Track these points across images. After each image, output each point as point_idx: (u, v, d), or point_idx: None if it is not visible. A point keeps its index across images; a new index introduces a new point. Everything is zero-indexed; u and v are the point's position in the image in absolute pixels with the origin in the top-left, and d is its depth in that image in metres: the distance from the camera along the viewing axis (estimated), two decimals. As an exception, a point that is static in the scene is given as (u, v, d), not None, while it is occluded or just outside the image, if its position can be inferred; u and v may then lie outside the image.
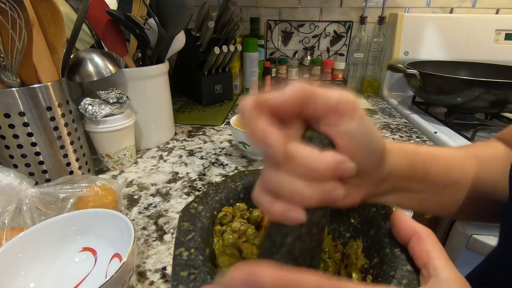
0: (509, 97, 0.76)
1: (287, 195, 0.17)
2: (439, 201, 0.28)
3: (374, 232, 0.23)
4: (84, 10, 0.50)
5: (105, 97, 0.57)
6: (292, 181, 0.17)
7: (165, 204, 0.52)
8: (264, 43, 1.21)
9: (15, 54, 0.41)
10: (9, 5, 0.38)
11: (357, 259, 0.24)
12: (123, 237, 0.37)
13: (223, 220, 0.25)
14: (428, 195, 0.27)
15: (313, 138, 0.18)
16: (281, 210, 0.17)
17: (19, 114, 0.45)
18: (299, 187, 0.17)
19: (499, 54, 1.04)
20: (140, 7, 0.63)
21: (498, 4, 1.09)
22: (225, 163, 0.66)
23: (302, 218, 0.17)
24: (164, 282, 0.37)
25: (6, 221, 0.38)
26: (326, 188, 0.17)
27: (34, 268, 0.36)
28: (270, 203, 0.18)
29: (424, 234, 0.18)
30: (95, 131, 0.57)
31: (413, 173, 0.25)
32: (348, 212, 0.25)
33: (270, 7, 1.18)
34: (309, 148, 0.17)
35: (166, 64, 0.70)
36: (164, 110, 0.73)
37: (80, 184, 0.45)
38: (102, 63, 0.57)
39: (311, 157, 0.17)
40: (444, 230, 0.79)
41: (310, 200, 0.17)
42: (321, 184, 0.17)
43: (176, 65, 1.11)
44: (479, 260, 0.34)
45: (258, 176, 0.27)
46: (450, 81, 0.80)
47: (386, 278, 0.18)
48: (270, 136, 0.17)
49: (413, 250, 0.18)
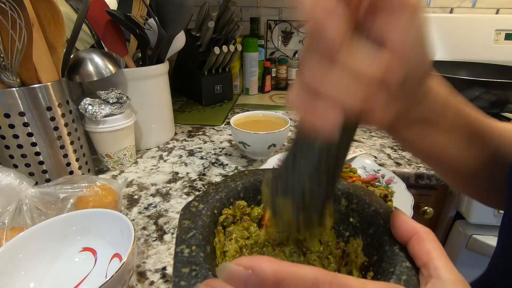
0: (509, 97, 0.76)
1: (330, 90, 0.16)
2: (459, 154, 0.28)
3: (373, 231, 0.23)
4: (84, 10, 0.50)
5: (105, 97, 0.57)
6: (339, 74, 0.15)
7: (165, 204, 0.52)
8: (264, 43, 1.21)
9: (15, 54, 0.41)
10: (9, 5, 0.38)
11: (356, 257, 0.24)
12: (123, 237, 0.37)
13: (225, 222, 0.25)
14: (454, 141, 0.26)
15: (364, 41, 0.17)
16: (320, 109, 0.16)
17: (19, 114, 0.45)
18: (345, 82, 0.15)
19: (499, 54, 1.04)
20: (140, 7, 0.63)
21: (498, 4, 1.09)
22: (225, 163, 0.66)
23: (338, 122, 0.16)
24: (164, 282, 0.37)
25: (6, 221, 0.38)
26: (370, 90, 0.16)
27: (34, 268, 0.36)
28: (308, 99, 0.16)
29: (424, 234, 0.18)
30: (95, 131, 0.57)
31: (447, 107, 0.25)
32: (347, 211, 0.25)
33: (270, 7, 1.18)
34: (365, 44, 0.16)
35: (166, 64, 0.70)
36: (164, 110, 0.73)
37: (80, 184, 0.45)
38: (102, 63, 0.57)
39: (365, 52, 0.16)
40: (444, 230, 0.79)
41: (354, 100, 0.16)
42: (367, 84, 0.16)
43: (176, 65, 1.11)
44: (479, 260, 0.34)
45: (258, 175, 0.27)
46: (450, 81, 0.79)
47: (386, 275, 0.18)
48: (335, 16, 0.14)
49: (413, 250, 0.18)
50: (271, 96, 1.16)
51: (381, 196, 0.50)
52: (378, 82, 0.16)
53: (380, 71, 0.15)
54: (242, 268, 0.14)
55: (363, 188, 0.26)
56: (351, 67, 0.15)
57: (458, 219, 0.75)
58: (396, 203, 0.50)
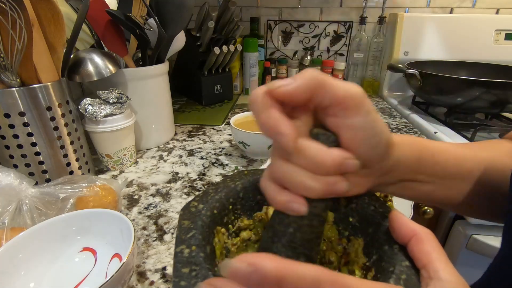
0: (509, 97, 0.76)
1: (292, 186, 0.18)
2: (446, 193, 0.28)
3: (372, 230, 0.23)
4: (84, 10, 0.50)
5: (105, 97, 0.57)
6: (298, 172, 0.18)
7: (165, 204, 0.52)
8: (264, 43, 1.21)
9: (15, 54, 0.41)
10: (9, 5, 0.38)
11: (357, 257, 0.24)
12: (123, 237, 0.37)
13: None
14: (435, 186, 0.27)
15: (320, 135, 0.19)
16: (285, 200, 0.19)
17: (19, 114, 0.45)
18: (304, 179, 0.18)
19: (499, 54, 1.04)
20: (140, 7, 0.63)
21: (498, 4, 1.09)
22: (225, 163, 0.66)
23: (304, 209, 0.18)
24: (164, 282, 0.37)
25: (6, 221, 0.38)
26: (330, 181, 0.18)
27: (34, 268, 0.36)
28: (275, 192, 0.19)
29: (423, 235, 0.18)
30: (95, 131, 0.57)
31: (422, 165, 0.25)
32: (346, 211, 0.25)
33: (270, 7, 1.18)
34: (317, 143, 0.18)
35: (166, 64, 0.70)
36: (164, 110, 0.73)
37: (80, 184, 0.45)
38: (102, 63, 0.57)
39: (318, 151, 0.18)
40: (444, 230, 0.79)
41: (314, 191, 0.18)
42: (326, 177, 0.18)
43: (176, 65, 1.11)
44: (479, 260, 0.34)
45: (258, 175, 0.27)
46: (450, 81, 0.80)
47: (385, 274, 0.18)
48: (282, 126, 0.17)
49: (413, 252, 0.18)
50: (271, 96, 1.16)
51: (381, 196, 0.50)
52: (335, 171, 0.18)
53: (335, 162, 0.18)
54: (245, 265, 0.14)
55: None
56: (308, 161, 0.18)
57: (458, 219, 0.75)
58: (396, 203, 0.50)
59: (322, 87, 0.18)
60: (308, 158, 0.18)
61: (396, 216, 0.20)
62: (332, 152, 0.18)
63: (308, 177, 0.18)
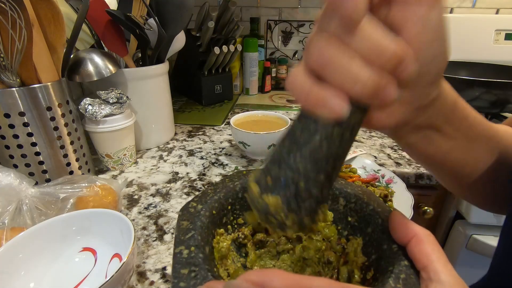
0: (509, 97, 0.76)
1: (337, 76, 0.14)
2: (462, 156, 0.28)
3: (371, 230, 0.23)
4: (84, 10, 0.50)
5: (105, 97, 0.57)
6: (350, 58, 0.14)
7: (165, 204, 0.52)
8: (264, 43, 1.21)
9: (15, 54, 0.41)
10: (9, 5, 0.38)
11: (356, 257, 0.24)
12: (123, 237, 0.37)
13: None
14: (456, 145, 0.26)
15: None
16: (324, 95, 0.14)
17: (19, 114, 0.45)
18: (356, 68, 0.14)
19: (499, 54, 1.04)
20: (140, 7, 0.63)
21: (498, 4, 1.09)
22: (225, 163, 0.66)
23: (345, 110, 0.14)
24: (164, 282, 0.37)
25: (6, 221, 0.38)
26: (382, 81, 0.14)
27: (34, 268, 0.36)
28: (310, 85, 0.15)
29: (423, 236, 0.18)
30: (95, 131, 0.57)
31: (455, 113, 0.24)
32: (345, 211, 0.26)
33: (270, 7, 1.18)
34: (382, 27, 0.14)
35: (166, 64, 0.70)
36: (164, 110, 0.73)
37: (80, 184, 0.45)
38: (102, 63, 0.57)
39: (382, 35, 0.14)
40: (444, 230, 0.79)
41: (363, 88, 0.14)
42: (380, 73, 0.14)
43: (176, 65, 1.11)
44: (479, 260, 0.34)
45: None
46: (450, 81, 0.79)
47: (385, 274, 0.18)
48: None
49: (412, 253, 0.18)
50: (271, 96, 1.16)
51: (381, 196, 0.50)
52: (391, 73, 0.14)
53: (394, 62, 0.14)
54: (251, 284, 0.13)
55: (361, 187, 0.26)
56: (364, 48, 0.14)
57: (458, 219, 0.75)
58: (396, 203, 0.50)
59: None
60: (370, 39, 0.14)
61: (397, 216, 0.20)
62: (399, 42, 0.14)
63: (361, 66, 0.14)
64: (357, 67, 0.14)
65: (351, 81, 0.14)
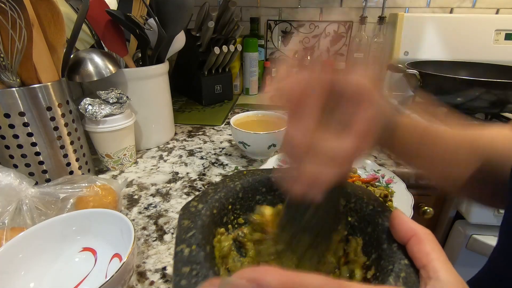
0: (509, 97, 0.76)
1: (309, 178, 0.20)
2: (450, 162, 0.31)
3: (371, 229, 0.23)
4: (84, 10, 0.50)
5: (105, 97, 0.57)
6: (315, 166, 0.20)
7: (165, 204, 0.52)
8: (264, 43, 1.21)
9: (15, 54, 0.41)
10: (9, 5, 0.38)
11: (356, 256, 0.24)
12: (123, 237, 0.37)
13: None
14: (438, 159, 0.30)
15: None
16: (303, 189, 0.20)
17: (19, 114, 0.45)
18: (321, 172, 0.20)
19: (499, 54, 1.04)
20: (140, 7, 0.63)
21: (498, 4, 1.09)
22: (225, 163, 0.66)
23: (319, 197, 0.20)
24: (164, 282, 0.37)
25: (6, 221, 0.38)
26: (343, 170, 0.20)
27: (34, 268, 0.36)
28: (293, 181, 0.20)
29: (423, 235, 0.18)
30: (95, 131, 0.57)
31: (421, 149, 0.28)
32: (345, 211, 0.25)
33: (270, 7, 1.18)
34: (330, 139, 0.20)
35: (166, 64, 0.70)
36: (164, 110, 0.73)
37: (80, 184, 0.45)
38: (102, 63, 0.57)
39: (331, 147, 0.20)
40: (444, 230, 0.79)
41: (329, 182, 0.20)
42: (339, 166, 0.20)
43: (176, 65, 1.11)
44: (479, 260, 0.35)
45: (257, 175, 0.27)
46: (450, 81, 0.80)
47: (385, 273, 0.18)
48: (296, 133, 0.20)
49: (412, 251, 0.18)
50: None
51: (381, 196, 0.50)
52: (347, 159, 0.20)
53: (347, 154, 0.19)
54: (245, 281, 0.13)
55: (360, 187, 0.26)
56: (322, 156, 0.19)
57: (458, 219, 0.75)
58: (396, 203, 0.50)
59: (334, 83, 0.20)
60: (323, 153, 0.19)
61: (397, 215, 0.20)
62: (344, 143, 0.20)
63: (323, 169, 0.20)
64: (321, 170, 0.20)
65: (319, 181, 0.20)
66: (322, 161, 0.19)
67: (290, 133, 0.20)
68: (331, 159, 0.19)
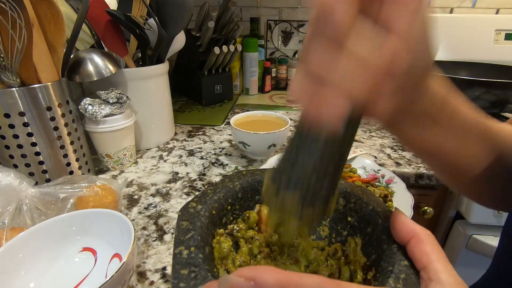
0: (509, 97, 0.76)
1: (338, 80, 0.15)
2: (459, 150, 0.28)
3: (371, 230, 0.23)
4: (84, 10, 0.50)
5: (105, 97, 0.57)
6: (347, 63, 0.15)
7: (165, 204, 0.52)
8: (264, 43, 1.21)
9: (15, 54, 0.41)
10: (9, 5, 0.38)
11: (355, 256, 0.24)
12: (123, 237, 0.37)
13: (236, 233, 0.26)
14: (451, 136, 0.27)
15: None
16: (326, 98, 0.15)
17: (19, 114, 0.45)
18: (353, 72, 0.15)
19: (499, 54, 1.04)
20: (140, 7, 0.63)
21: (498, 4, 1.09)
22: (225, 163, 0.66)
23: (345, 113, 0.15)
24: (164, 282, 0.37)
25: (6, 221, 0.38)
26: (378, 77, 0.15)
27: (34, 268, 0.36)
28: (313, 90, 0.16)
29: (423, 236, 0.18)
30: (95, 131, 0.57)
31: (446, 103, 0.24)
32: (345, 211, 0.25)
33: (270, 7, 1.18)
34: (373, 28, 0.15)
35: (166, 64, 0.70)
36: (164, 110, 0.73)
37: (80, 184, 0.45)
38: (102, 63, 0.57)
39: (376, 36, 0.15)
40: (444, 230, 0.79)
41: (361, 89, 0.15)
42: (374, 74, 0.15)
43: (176, 65, 1.11)
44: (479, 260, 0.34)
45: (256, 175, 0.27)
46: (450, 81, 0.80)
47: (384, 274, 0.18)
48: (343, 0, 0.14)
49: (412, 252, 0.18)
50: (271, 96, 1.16)
51: (381, 196, 0.50)
52: (385, 70, 0.15)
53: (388, 59, 0.15)
54: (244, 279, 0.14)
55: (360, 187, 0.26)
56: (359, 54, 0.15)
57: (458, 219, 0.75)
58: (396, 203, 0.50)
59: None
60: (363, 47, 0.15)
61: (398, 215, 0.20)
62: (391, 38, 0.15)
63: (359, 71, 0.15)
64: (354, 68, 0.15)
65: (350, 82, 0.15)
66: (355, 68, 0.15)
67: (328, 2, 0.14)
68: (367, 65, 0.15)
